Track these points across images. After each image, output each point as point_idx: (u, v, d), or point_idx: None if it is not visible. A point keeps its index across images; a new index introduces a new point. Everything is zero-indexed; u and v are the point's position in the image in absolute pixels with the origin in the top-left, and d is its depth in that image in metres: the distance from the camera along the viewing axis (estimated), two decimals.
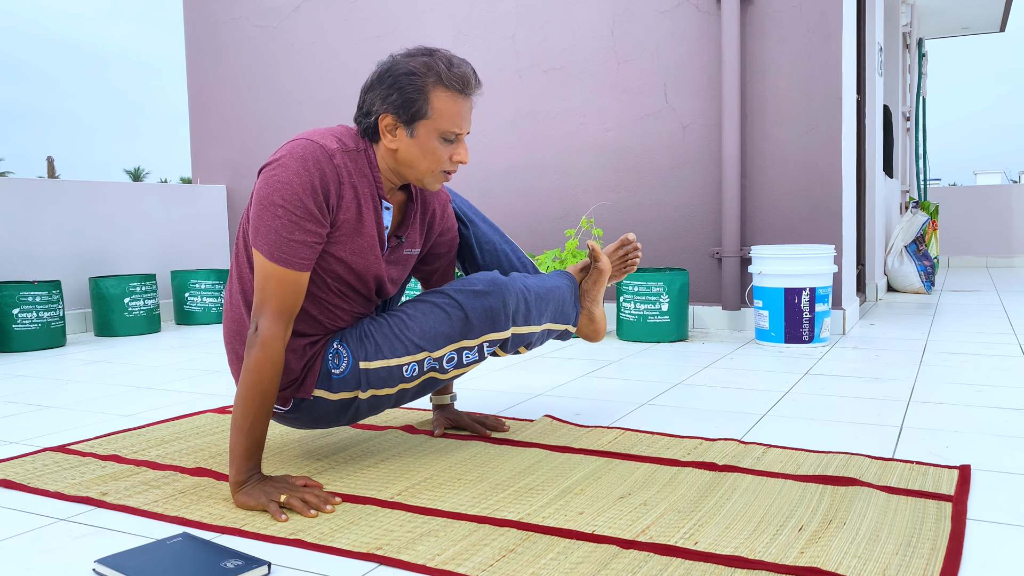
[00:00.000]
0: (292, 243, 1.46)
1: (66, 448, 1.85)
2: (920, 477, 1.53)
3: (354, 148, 1.57)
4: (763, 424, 1.98)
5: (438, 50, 1.59)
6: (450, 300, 1.64)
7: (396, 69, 1.55)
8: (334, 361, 1.63)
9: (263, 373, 1.44)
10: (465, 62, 1.60)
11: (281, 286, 1.47)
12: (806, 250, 3.09)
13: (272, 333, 1.46)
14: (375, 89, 1.56)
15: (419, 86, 1.53)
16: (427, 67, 1.54)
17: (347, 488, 1.54)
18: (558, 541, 1.27)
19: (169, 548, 1.24)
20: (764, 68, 3.45)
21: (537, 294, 1.74)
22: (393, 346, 1.62)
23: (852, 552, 1.20)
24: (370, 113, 1.57)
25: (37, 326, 3.46)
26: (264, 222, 1.47)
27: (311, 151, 1.50)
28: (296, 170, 1.47)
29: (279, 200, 1.46)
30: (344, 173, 1.53)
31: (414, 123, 1.55)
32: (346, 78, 4.38)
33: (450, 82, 1.55)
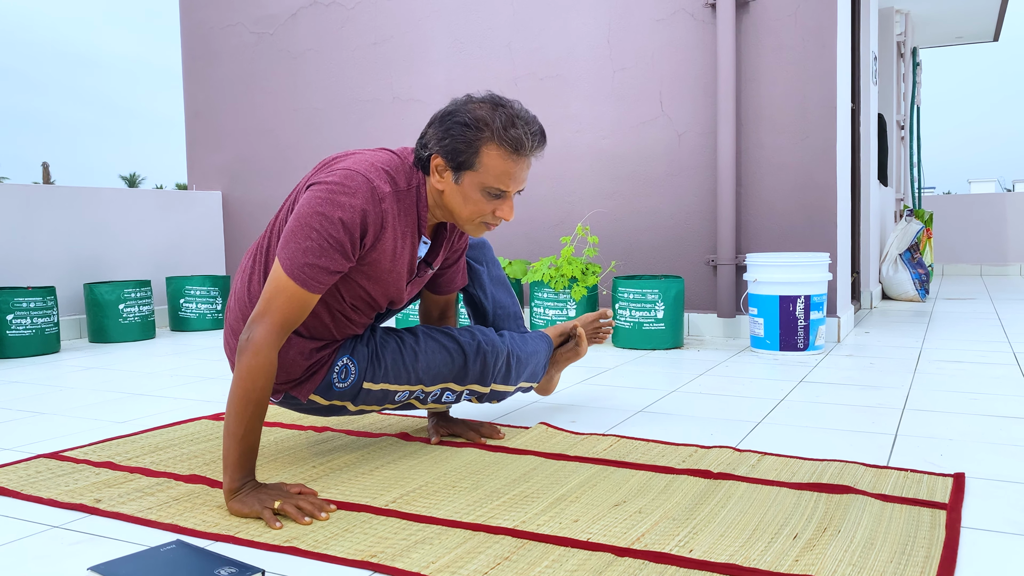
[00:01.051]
0: (315, 267, 1.47)
1: (60, 455, 1.85)
2: (914, 485, 1.54)
3: (405, 187, 1.58)
4: (758, 432, 1.98)
5: (507, 105, 1.57)
6: (457, 347, 1.78)
7: (456, 115, 1.54)
8: (340, 375, 1.70)
9: (256, 381, 1.44)
10: (531, 121, 1.57)
11: (290, 302, 1.48)
12: (801, 258, 3.10)
13: (267, 342, 1.46)
14: (435, 126, 1.57)
15: (470, 139, 1.53)
16: (484, 122, 1.53)
17: (342, 495, 1.54)
18: (553, 549, 1.27)
19: (163, 555, 1.24)
20: (759, 77, 3.47)
21: (519, 358, 1.90)
22: (399, 374, 1.73)
23: (847, 560, 1.20)
24: (426, 147, 1.58)
25: (31, 332, 3.45)
26: (296, 238, 1.47)
27: (362, 189, 1.50)
28: (342, 203, 1.48)
29: (316, 225, 1.47)
30: (389, 217, 1.54)
31: (461, 172, 1.56)
32: (342, 85, 4.39)
33: (503, 141, 1.53)
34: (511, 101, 1.58)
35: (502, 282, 2.03)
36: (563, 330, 2.12)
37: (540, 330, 2.08)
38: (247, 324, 1.48)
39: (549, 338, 2.06)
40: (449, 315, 1.97)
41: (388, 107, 4.28)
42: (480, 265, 1.97)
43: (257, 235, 4.73)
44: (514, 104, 1.58)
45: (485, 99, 1.58)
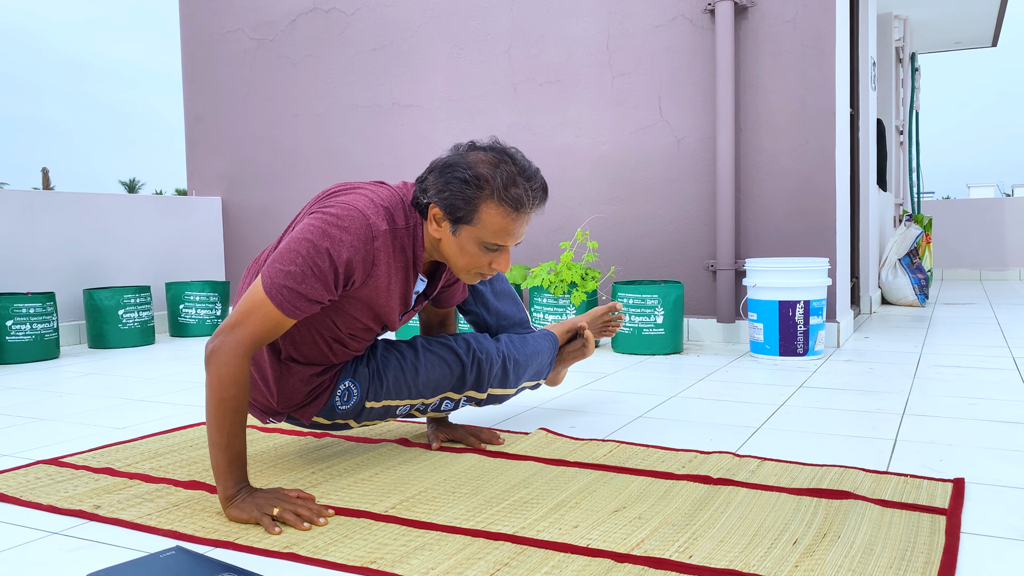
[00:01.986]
0: (294, 292, 1.46)
1: (59, 461, 1.85)
2: (914, 490, 1.54)
3: (403, 226, 1.56)
4: (758, 437, 1.98)
5: (509, 160, 1.54)
6: (454, 358, 1.79)
7: (456, 168, 1.52)
8: (343, 398, 1.73)
9: (227, 390, 1.43)
10: (533, 178, 1.55)
11: (265, 321, 1.46)
12: (800, 263, 3.10)
13: (235, 353, 1.44)
14: (435, 175, 1.54)
15: (469, 196, 1.51)
16: (484, 179, 1.51)
17: (341, 501, 1.54)
18: (552, 555, 1.27)
19: (162, 562, 1.24)
20: (758, 82, 3.48)
21: (516, 361, 1.90)
22: (400, 390, 1.76)
23: (846, 566, 1.20)
24: (425, 193, 1.56)
25: (31, 338, 3.45)
26: (282, 260, 1.47)
27: (356, 226, 1.49)
28: (333, 236, 1.47)
29: (303, 252, 1.46)
30: (381, 255, 1.53)
31: (458, 225, 1.54)
32: (342, 91, 4.40)
33: (503, 200, 1.51)
34: (514, 153, 1.56)
35: (508, 294, 2.02)
36: (570, 327, 2.12)
37: (545, 327, 2.08)
38: (217, 331, 1.47)
39: (554, 336, 2.06)
40: (449, 324, 1.97)
41: (388, 113, 4.28)
42: (483, 284, 1.97)
43: (257, 241, 4.73)
44: (517, 157, 1.56)
45: (487, 151, 1.55)
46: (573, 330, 2.13)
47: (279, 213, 4.64)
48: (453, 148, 1.58)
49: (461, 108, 4.08)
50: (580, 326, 2.13)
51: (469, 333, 1.88)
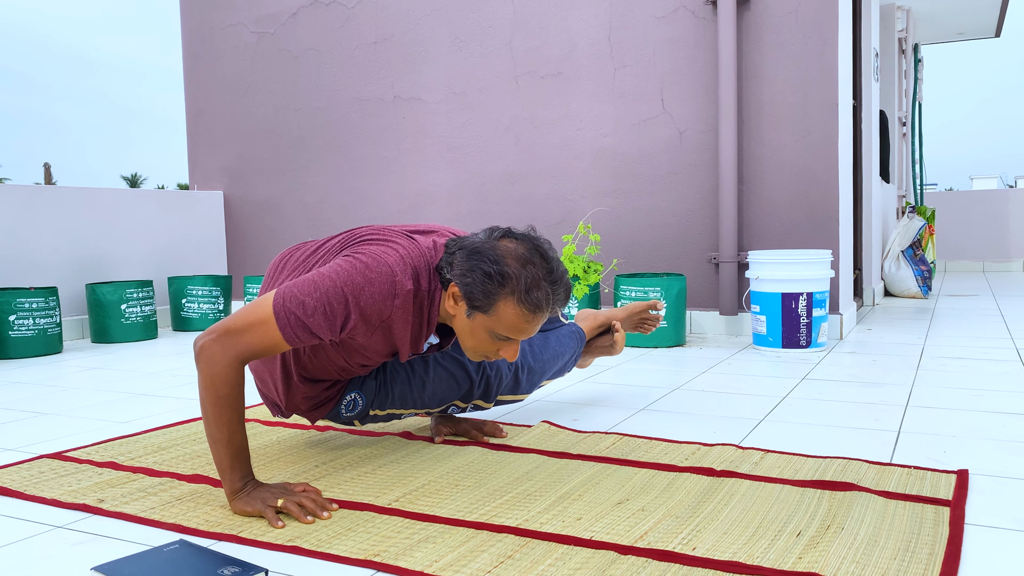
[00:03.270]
0: (301, 322, 1.44)
1: (63, 455, 1.85)
2: (918, 482, 1.53)
3: (425, 288, 1.53)
4: (761, 429, 1.98)
5: (540, 259, 1.49)
6: (464, 375, 1.80)
7: (484, 260, 1.47)
8: (348, 407, 1.76)
9: (221, 389, 1.42)
10: (558, 282, 1.50)
11: (263, 338, 1.44)
12: (803, 255, 3.09)
13: (228, 359, 1.43)
14: (463, 256, 1.49)
15: (490, 291, 1.47)
16: (508, 278, 1.46)
17: (344, 494, 1.54)
18: (556, 547, 1.27)
19: (166, 555, 1.24)
20: (760, 73, 3.46)
21: (531, 370, 1.90)
22: (405, 402, 1.78)
23: (850, 557, 1.20)
24: (451, 268, 1.51)
25: (34, 333, 3.45)
26: (303, 288, 1.44)
27: (384, 281, 1.47)
28: (359, 286, 1.45)
29: (324, 288, 1.44)
30: (399, 313, 1.50)
31: (474, 311, 1.51)
32: (343, 84, 4.39)
33: (522, 302, 1.48)
34: (546, 251, 1.50)
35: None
36: (604, 321, 2.12)
37: (573, 324, 2.07)
38: (214, 328, 1.45)
39: (581, 335, 2.06)
40: None
41: (389, 106, 4.27)
42: None
43: (259, 235, 4.73)
44: (548, 256, 1.50)
45: (520, 242, 1.50)
46: (606, 324, 2.13)
47: (281, 207, 4.64)
48: (488, 231, 1.52)
49: (462, 101, 4.08)
50: (614, 323, 2.12)
51: None
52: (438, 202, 4.18)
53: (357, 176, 4.40)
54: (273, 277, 1.70)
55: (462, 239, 1.54)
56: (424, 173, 4.21)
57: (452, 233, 1.67)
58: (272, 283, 1.69)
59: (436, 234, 1.64)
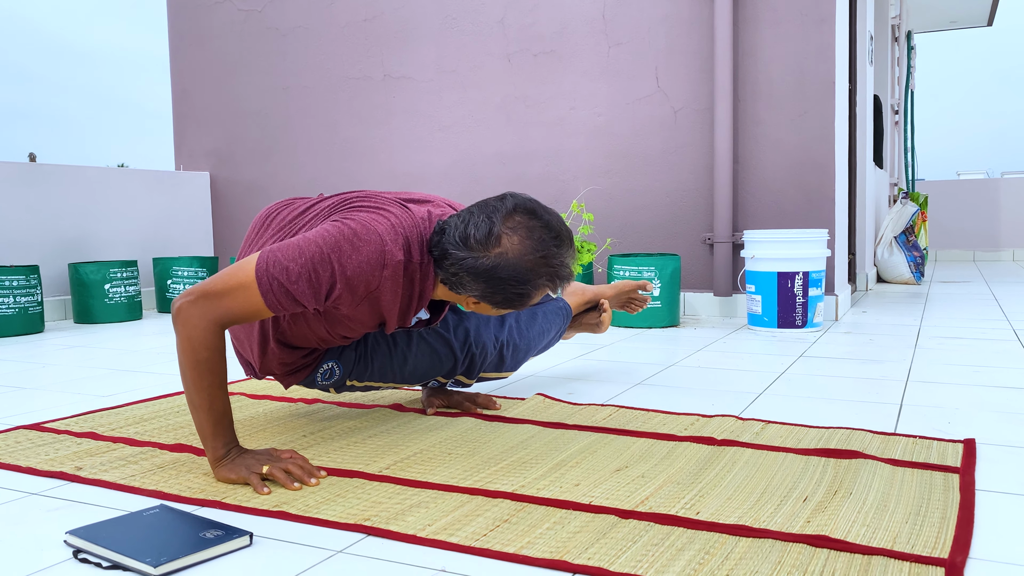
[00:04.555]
0: (284, 288, 1.36)
1: (40, 426, 1.78)
2: (924, 450, 1.49)
3: (417, 261, 1.46)
4: (760, 402, 1.93)
5: (548, 240, 1.42)
6: (448, 352, 1.74)
7: (503, 274, 1.40)
8: (324, 376, 1.69)
9: (200, 353, 1.35)
10: (570, 249, 1.45)
11: (244, 303, 1.37)
12: (800, 234, 3.05)
13: (206, 323, 1.36)
14: (475, 277, 1.41)
15: (527, 293, 1.43)
16: (539, 269, 1.41)
17: (333, 463, 1.48)
18: (553, 511, 1.22)
19: (145, 519, 1.18)
20: (757, 52, 3.42)
21: (515, 347, 1.85)
22: (384, 375, 1.72)
23: (860, 521, 1.16)
24: (456, 276, 1.43)
25: (14, 311, 3.37)
26: (288, 253, 1.37)
27: (372, 250, 1.40)
28: (346, 253, 1.38)
29: (310, 255, 1.37)
30: (388, 284, 1.43)
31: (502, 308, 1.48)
32: (332, 63, 4.31)
33: (554, 283, 1.44)
34: (551, 225, 1.43)
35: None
36: (590, 297, 2.08)
37: (561, 299, 2.02)
38: (192, 290, 1.38)
39: (568, 310, 2.02)
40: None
41: (379, 85, 4.20)
42: None
43: (246, 217, 4.65)
44: (556, 230, 1.43)
45: (529, 238, 1.41)
46: (593, 301, 2.09)
47: (269, 188, 4.57)
48: (480, 242, 1.40)
49: (454, 79, 4.01)
50: (602, 300, 2.08)
51: (473, 317, 1.81)
52: (429, 182, 4.12)
53: (346, 156, 4.33)
54: (258, 234, 1.63)
55: (460, 253, 1.41)
56: (414, 153, 4.15)
57: (448, 204, 1.60)
58: (255, 241, 1.62)
59: (431, 204, 1.57)
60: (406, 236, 1.45)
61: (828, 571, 1.00)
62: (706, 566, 1.02)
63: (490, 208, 1.43)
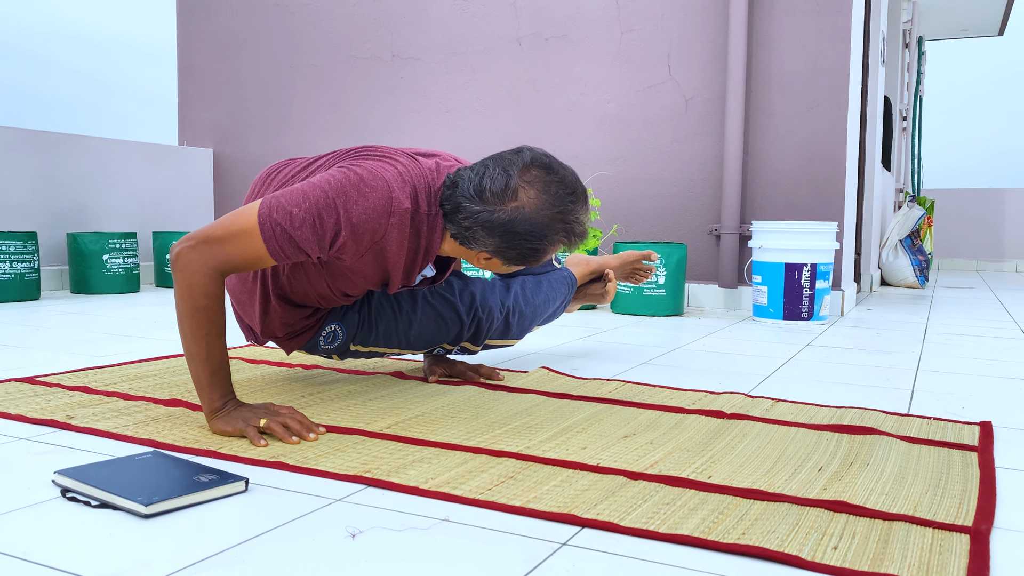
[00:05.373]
0: (287, 234, 1.32)
1: (33, 379, 1.74)
2: (940, 430, 1.45)
3: (425, 211, 1.42)
4: (768, 384, 1.89)
5: (564, 195, 1.38)
6: (454, 316, 1.70)
7: (519, 228, 1.36)
8: (327, 339, 1.66)
9: (199, 300, 1.31)
10: (585, 204, 1.42)
11: (245, 249, 1.32)
12: (809, 226, 3.01)
13: (206, 269, 1.31)
14: (487, 230, 1.37)
15: (542, 248, 1.40)
16: (555, 224, 1.38)
17: (332, 422, 1.44)
18: (560, 471, 1.18)
19: (137, 462, 1.14)
20: (771, 42, 3.38)
21: (522, 314, 1.82)
22: (389, 340, 1.68)
23: (878, 490, 1.12)
24: (469, 230, 1.39)
25: (10, 277, 3.32)
26: (291, 198, 1.33)
27: (379, 196, 1.35)
28: (352, 198, 1.34)
29: (314, 200, 1.32)
30: (394, 233, 1.38)
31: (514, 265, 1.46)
32: (340, 41, 4.27)
33: (570, 239, 1.42)
34: (563, 177, 1.39)
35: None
36: (596, 268, 2.05)
37: (565, 269, 1.98)
38: (192, 235, 1.33)
39: (572, 280, 1.98)
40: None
41: (387, 65, 4.16)
42: None
43: None
44: (570, 185, 1.40)
45: (545, 195, 1.37)
46: (598, 272, 2.05)
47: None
48: (496, 195, 1.36)
49: (463, 62, 3.97)
50: (607, 271, 2.04)
51: (479, 283, 1.77)
52: None
53: (352, 137, 4.28)
54: (259, 193, 1.59)
55: (473, 206, 1.38)
56: (421, 135, 4.11)
57: (455, 159, 1.56)
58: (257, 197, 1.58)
59: (439, 157, 1.53)
60: (414, 185, 1.41)
61: (848, 534, 0.96)
62: (720, 525, 0.98)
63: (506, 161, 1.39)
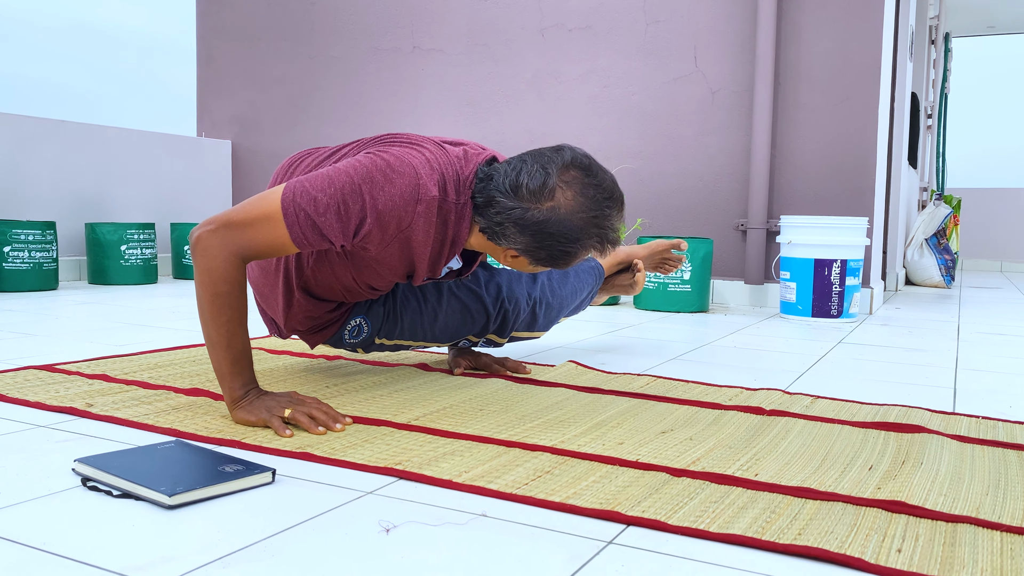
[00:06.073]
0: (311, 221, 1.27)
1: (52, 367, 1.71)
2: (991, 430, 1.39)
3: (453, 200, 1.36)
4: (804, 380, 1.83)
5: (602, 195, 1.33)
6: (480, 307, 1.66)
7: (553, 229, 1.32)
8: (352, 333, 1.62)
9: (219, 286, 1.26)
10: (621, 208, 1.38)
11: (268, 235, 1.28)
12: (839, 221, 2.94)
13: (227, 255, 1.27)
14: (519, 227, 1.33)
15: (573, 252, 1.36)
16: (589, 229, 1.33)
17: (358, 413, 1.39)
18: (599, 466, 1.13)
19: (160, 451, 1.09)
20: (800, 33, 3.31)
21: (548, 305, 1.78)
22: (415, 333, 1.65)
23: (936, 491, 1.06)
24: (500, 226, 1.34)
25: (29, 266, 3.30)
26: (316, 183, 1.28)
27: (407, 183, 1.30)
28: (379, 185, 1.29)
29: (340, 186, 1.28)
30: (420, 222, 1.33)
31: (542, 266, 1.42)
32: (361, 33, 4.23)
33: (603, 246, 1.37)
34: (600, 181, 1.34)
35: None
36: (623, 258, 2.00)
37: (592, 259, 1.93)
38: (214, 218, 1.29)
39: (600, 270, 1.93)
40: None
41: (407, 57, 4.12)
42: None
43: (266, 186, 4.57)
44: (608, 189, 1.35)
45: (580, 198, 1.32)
46: (626, 262, 2.00)
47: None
48: (532, 192, 1.31)
49: (485, 53, 3.92)
50: (635, 260, 1.99)
51: (505, 273, 1.72)
52: None
53: (371, 129, 4.24)
54: (281, 181, 1.54)
55: (506, 201, 1.33)
56: (441, 128, 4.06)
57: (482, 148, 1.51)
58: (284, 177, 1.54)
59: (467, 146, 1.48)
60: (442, 173, 1.36)
61: (911, 536, 0.90)
62: (773, 524, 0.93)
63: (545, 158, 1.34)
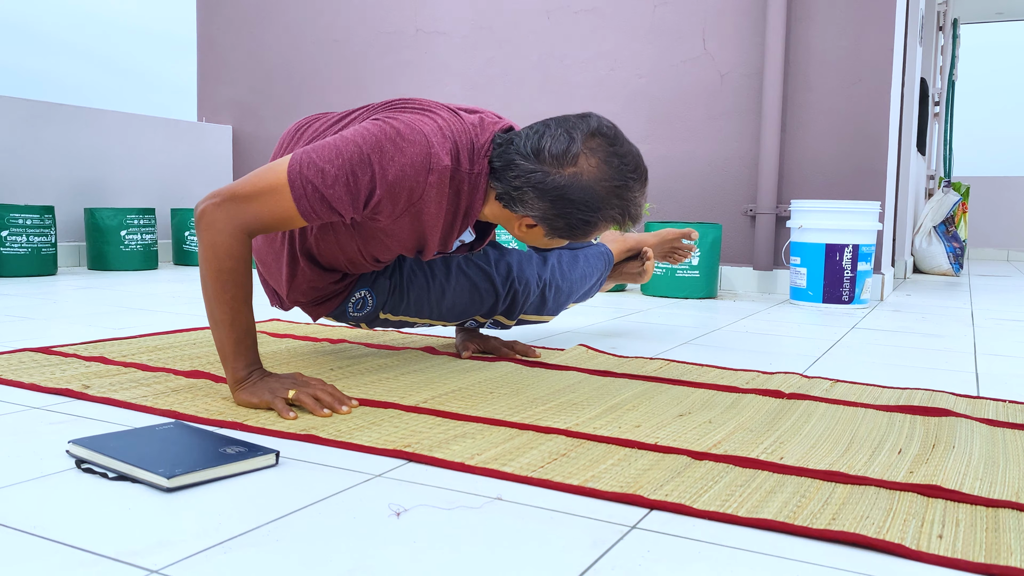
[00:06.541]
0: (319, 192, 1.22)
1: (48, 349, 1.66)
2: (1020, 413, 1.34)
3: (467, 169, 1.31)
4: (821, 365, 1.78)
5: (628, 170, 1.29)
6: (489, 287, 1.62)
7: (574, 195, 1.27)
8: (356, 306, 1.57)
9: (223, 262, 1.21)
10: (645, 182, 1.33)
11: (274, 208, 1.23)
12: (851, 205, 2.89)
13: (232, 228, 1.22)
14: (539, 192, 1.28)
15: (593, 222, 1.31)
16: (611, 199, 1.29)
17: (365, 395, 1.35)
18: (616, 449, 1.08)
19: (158, 433, 1.05)
20: (811, 14, 3.25)
21: (558, 288, 1.73)
22: (420, 310, 1.60)
23: (971, 475, 1.01)
24: (518, 190, 1.29)
25: (27, 251, 3.25)
26: (323, 154, 1.23)
27: (417, 152, 1.25)
28: (388, 154, 1.23)
29: (348, 156, 1.22)
30: (432, 192, 1.28)
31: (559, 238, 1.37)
32: (363, 16, 4.17)
33: (623, 218, 1.33)
34: (625, 152, 1.30)
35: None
36: (633, 245, 1.95)
37: (602, 244, 1.88)
38: (218, 192, 1.24)
39: (609, 256, 1.88)
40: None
41: (411, 40, 4.05)
42: None
43: None
44: (639, 172, 1.31)
45: (605, 167, 1.28)
46: (635, 249, 1.95)
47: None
48: (555, 156, 1.27)
49: (489, 36, 3.86)
50: (645, 248, 1.94)
51: (515, 253, 1.68)
52: None
53: None
54: (288, 148, 1.49)
55: (524, 163, 1.28)
56: None
57: (499, 118, 1.45)
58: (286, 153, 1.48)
59: (482, 113, 1.42)
60: (455, 140, 1.30)
61: (950, 521, 0.86)
62: (805, 509, 0.88)
63: (570, 123, 1.29)
